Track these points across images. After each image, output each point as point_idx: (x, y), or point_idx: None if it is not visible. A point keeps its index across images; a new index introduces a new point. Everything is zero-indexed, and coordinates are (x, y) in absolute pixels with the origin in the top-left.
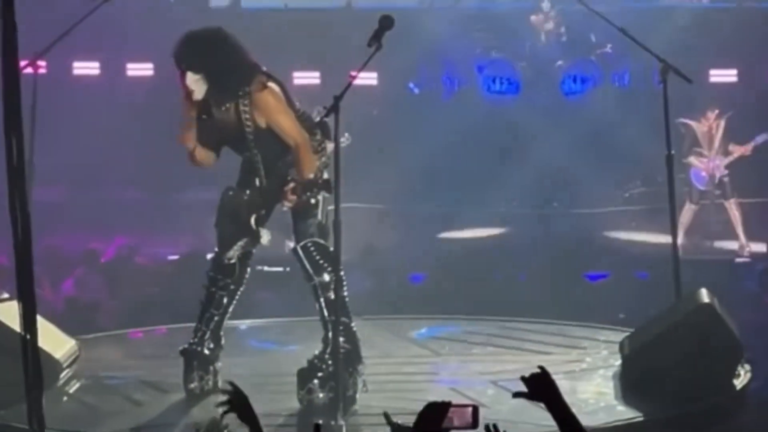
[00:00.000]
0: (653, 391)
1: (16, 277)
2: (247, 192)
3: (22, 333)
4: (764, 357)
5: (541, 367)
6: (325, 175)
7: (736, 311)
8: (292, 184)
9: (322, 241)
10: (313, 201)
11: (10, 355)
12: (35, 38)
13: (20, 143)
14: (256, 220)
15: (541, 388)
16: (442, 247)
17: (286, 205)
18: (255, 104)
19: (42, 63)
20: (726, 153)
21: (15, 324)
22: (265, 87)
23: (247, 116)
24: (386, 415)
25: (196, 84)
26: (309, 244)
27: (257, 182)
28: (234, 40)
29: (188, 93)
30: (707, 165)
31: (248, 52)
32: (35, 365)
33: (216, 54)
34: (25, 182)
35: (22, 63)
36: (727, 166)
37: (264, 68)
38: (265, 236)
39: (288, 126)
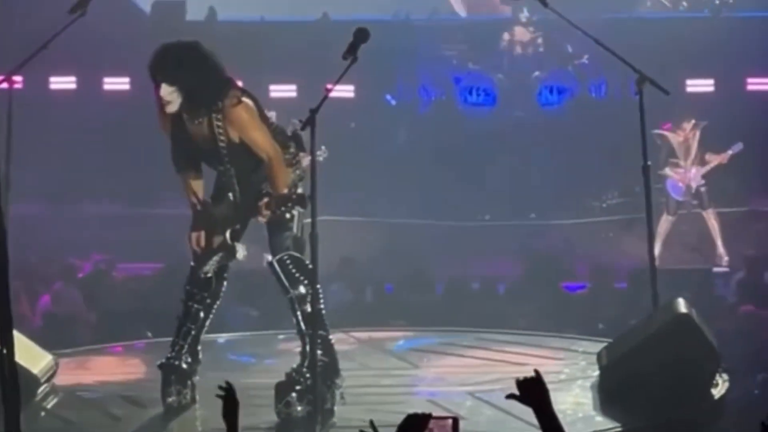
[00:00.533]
0: (631, 401)
1: None
2: (222, 206)
3: None
4: (741, 366)
5: (536, 371)
6: (300, 190)
7: (714, 321)
8: (266, 199)
9: (297, 255)
10: (288, 216)
11: None
12: (10, 53)
13: None
14: (231, 235)
15: (534, 392)
16: (419, 259)
17: (261, 220)
18: (228, 119)
19: (18, 78)
20: (703, 162)
21: None
22: (239, 102)
23: (221, 130)
24: (372, 423)
25: (171, 96)
26: (285, 258)
27: (231, 197)
28: (209, 54)
29: (162, 105)
30: (684, 175)
31: (223, 67)
32: (12, 380)
33: (191, 67)
34: (1, 197)
35: None
36: (704, 176)
37: (239, 83)
38: (241, 251)
39: (261, 140)
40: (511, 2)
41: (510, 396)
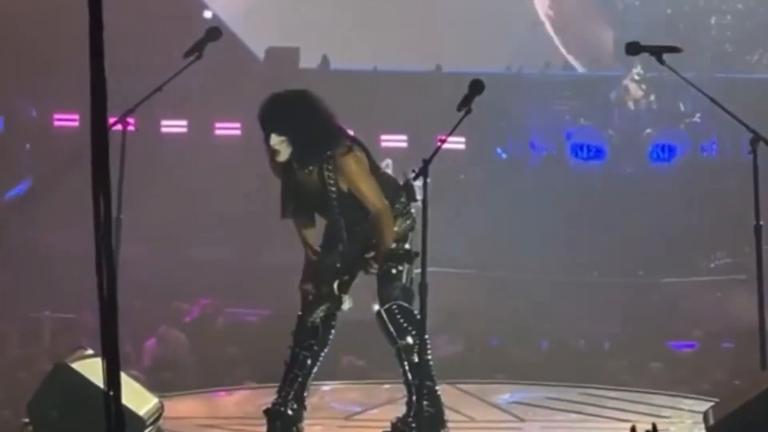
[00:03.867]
0: None
1: (101, 332)
2: (330, 256)
3: (105, 389)
4: None
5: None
6: (407, 245)
7: None
8: (372, 253)
9: (406, 305)
10: (394, 271)
11: (94, 411)
12: (123, 95)
13: (108, 199)
14: (339, 286)
15: None
16: (527, 314)
17: (368, 272)
18: (338, 168)
19: (131, 120)
20: None
21: (99, 380)
22: (349, 151)
23: (331, 180)
24: None
25: (281, 146)
26: (393, 307)
27: (341, 247)
28: (320, 102)
29: (273, 155)
30: None
31: (334, 115)
32: (119, 422)
33: (301, 116)
34: (112, 240)
35: (112, 120)
36: None
37: (350, 132)
38: (347, 303)
39: (368, 193)
40: (624, 59)
41: None
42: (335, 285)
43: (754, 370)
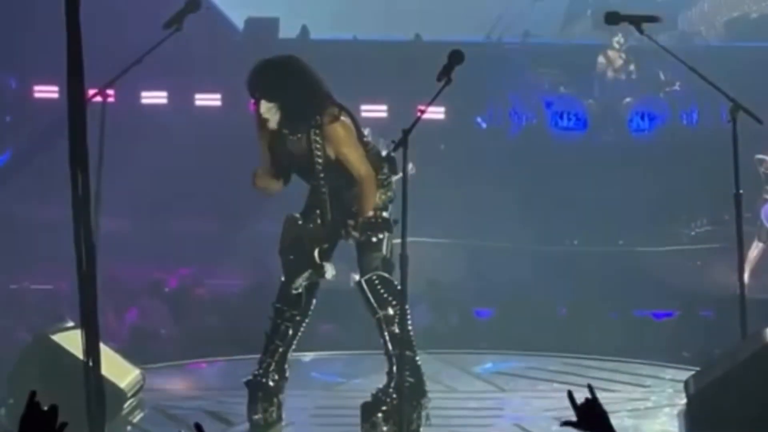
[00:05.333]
0: (719, 431)
1: (80, 304)
2: (311, 225)
3: (85, 360)
4: None
5: (589, 388)
6: (386, 213)
7: None
8: (351, 221)
9: (386, 275)
10: (374, 239)
11: (75, 383)
12: (102, 67)
13: (85, 174)
14: (320, 254)
15: (591, 417)
16: (507, 283)
17: (349, 241)
18: (326, 135)
19: (110, 92)
20: None
21: (79, 352)
22: (336, 118)
23: (318, 146)
24: None
25: (270, 113)
26: (374, 278)
27: (321, 215)
28: (308, 68)
29: (262, 122)
30: None
31: (322, 82)
32: (98, 393)
33: (289, 83)
34: (90, 212)
35: (91, 92)
36: None
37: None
38: (330, 271)
39: (355, 159)
40: (603, 27)
41: (565, 423)
42: (315, 253)
43: (735, 339)
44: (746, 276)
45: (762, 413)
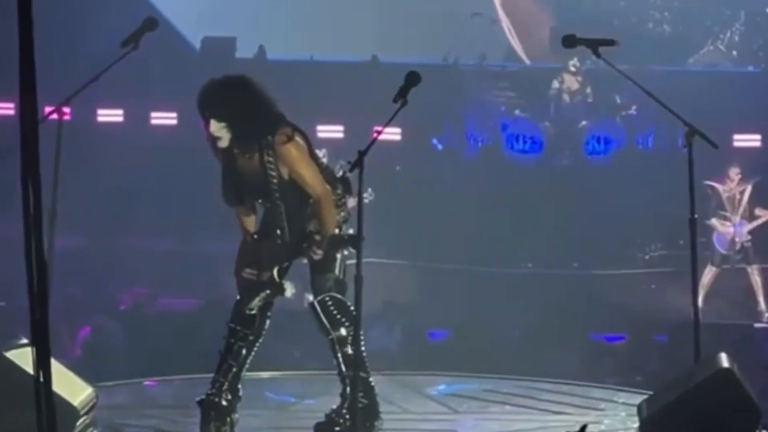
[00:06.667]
0: None
1: (30, 321)
2: (270, 244)
3: (35, 376)
4: None
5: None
6: (350, 231)
7: (755, 377)
8: (317, 238)
9: (339, 296)
10: (338, 256)
11: (28, 400)
12: (58, 84)
13: (37, 190)
14: (279, 272)
15: None
16: (461, 305)
17: (313, 258)
18: (279, 155)
19: (66, 110)
20: (752, 217)
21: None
22: (289, 138)
23: (271, 166)
24: None
25: (221, 132)
26: (327, 299)
27: (279, 233)
28: (259, 87)
29: (213, 141)
30: (730, 229)
31: (273, 101)
32: (50, 410)
33: (239, 102)
34: (42, 230)
35: (48, 109)
36: (750, 232)
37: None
38: (289, 289)
39: (310, 178)
40: (561, 51)
41: None
42: (275, 271)
43: (688, 363)
44: (700, 300)
45: None
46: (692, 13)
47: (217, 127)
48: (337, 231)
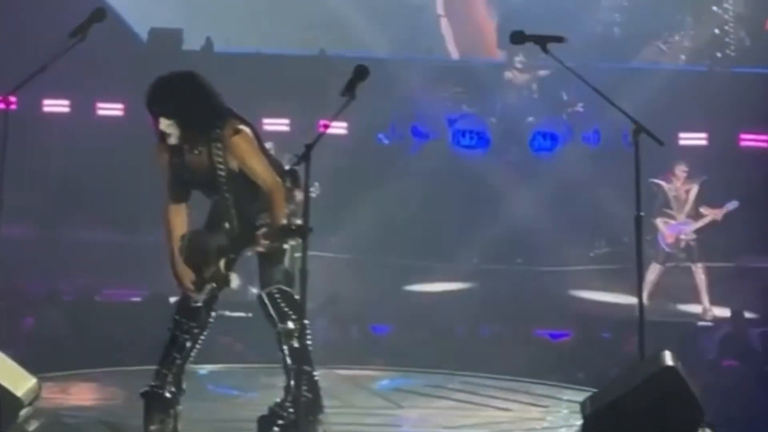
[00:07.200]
0: None
1: None
2: (217, 236)
3: None
4: (723, 421)
5: None
6: (299, 221)
7: (698, 374)
8: (265, 230)
9: (287, 289)
10: (286, 247)
11: None
12: (5, 75)
13: None
14: (226, 264)
15: None
16: (406, 300)
17: (258, 250)
18: (227, 147)
19: (12, 99)
20: (697, 216)
21: None
22: (238, 131)
23: (220, 159)
24: None
25: (170, 128)
26: (274, 291)
27: (227, 226)
28: (206, 83)
29: (162, 138)
30: (674, 228)
31: (220, 96)
32: None
33: (188, 98)
34: None
35: None
36: (695, 231)
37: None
38: (235, 280)
39: (261, 170)
40: (507, 47)
41: None
42: (221, 263)
43: (632, 361)
44: (645, 298)
45: None
46: (640, 12)
47: (166, 124)
48: (291, 221)
